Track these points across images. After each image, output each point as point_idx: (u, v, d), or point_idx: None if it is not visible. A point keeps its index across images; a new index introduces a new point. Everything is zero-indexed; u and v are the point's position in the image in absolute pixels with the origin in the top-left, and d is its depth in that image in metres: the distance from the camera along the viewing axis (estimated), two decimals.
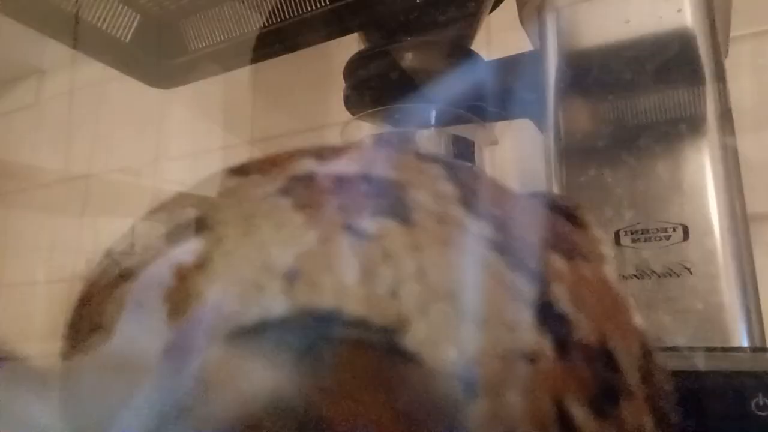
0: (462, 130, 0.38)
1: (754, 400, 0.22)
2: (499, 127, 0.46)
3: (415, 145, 0.38)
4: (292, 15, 0.30)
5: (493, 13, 0.39)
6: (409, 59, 0.35)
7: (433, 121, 0.38)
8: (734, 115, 0.30)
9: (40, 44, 0.82)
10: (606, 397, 0.11)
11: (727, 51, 0.38)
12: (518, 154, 0.51)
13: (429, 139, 0.38)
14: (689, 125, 0.29)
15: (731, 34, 0.38)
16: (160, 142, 0.76)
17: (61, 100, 0.88)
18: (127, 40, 0.32)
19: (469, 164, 0.38)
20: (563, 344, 0.10)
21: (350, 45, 0.38)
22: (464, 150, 0.38)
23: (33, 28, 0.34)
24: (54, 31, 0.34)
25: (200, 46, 0.32)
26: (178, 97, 0.73)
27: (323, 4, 0.29)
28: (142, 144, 0.77)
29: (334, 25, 0.30)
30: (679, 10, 0.30)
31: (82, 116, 0.85)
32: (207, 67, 0.33)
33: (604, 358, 0.11)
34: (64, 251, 0.80)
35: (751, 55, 0.45)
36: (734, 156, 0.29)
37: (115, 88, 0.81)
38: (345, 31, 0.32)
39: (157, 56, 0.34)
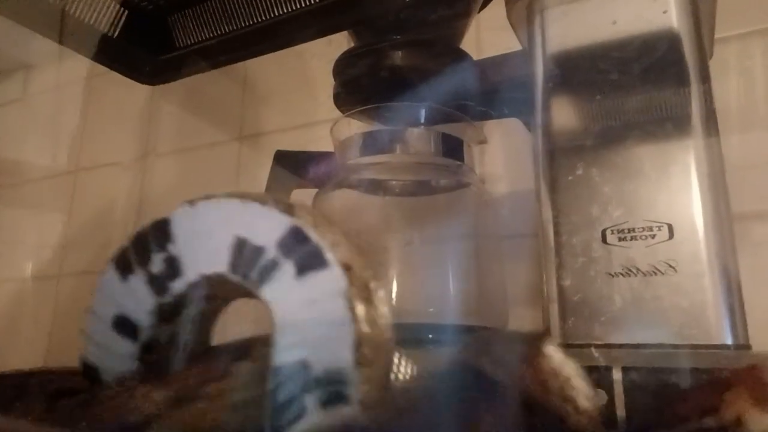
0: (451, 129, 0.38)
1: None
2: (488, 125, 0.46)
3: (403, 143, 0.38)
4: (281, 12, 0.29)
5: (482, 13, 0.40)
6: (398, 58, 0.35)
7: (422, 119, 0.38)
8: (719, 115, 0.30)
9: (28, 39, 0.81)
10: None
11: (712, 52, 0.38)
12: (507, 153, 0.51)
13: (418, 137, 0.38)
14: (675, 125, 0.29)
15: (716, 36, 0.39)
16: (148, 139, 0.75)
17: (49, 95, 0.87)
18: (114, 36, 0.32)
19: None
20: None
21: (341, 43, 0.38)
22: (454, 148, 0.38)
23: (19, 23, 0.34)
24: (40, 26, 0.33)
25: (189, 42, 0.32)
26: (167, 93, 0.73)
27: (313, 2, 0.29)
28: (130, 140, 0.77)
29: (324, 23, 0.30)
30: (665, 12, 0.30)
31: (70, 111, 0.84)
32: (196, 64, 0.33)
33: None
34: (51, 247, 0.79)
35: (736, 57, 0.45)
36: (719, 156, 0.29)
37: (103, 84, 0.80)
38: (335, 29, 0.32)
39: (145, 52, 0.34)
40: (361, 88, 0.37)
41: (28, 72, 0.90)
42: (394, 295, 0.34)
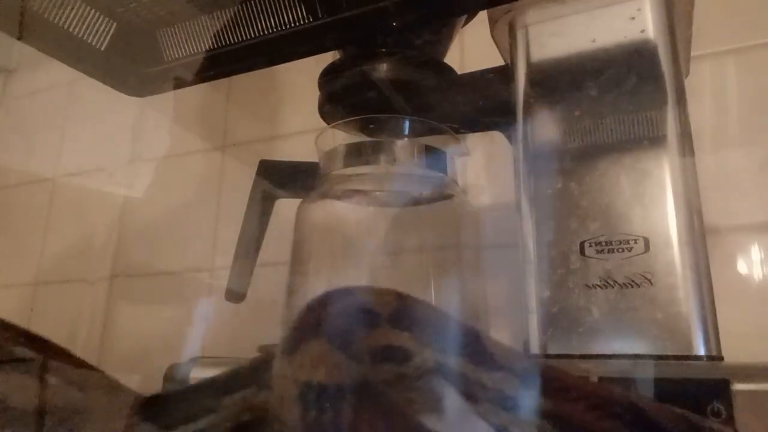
0: (435, 141, 0.39)
1: (710, 407, 0.23)
2: (471, 138, 0.47)
3: (387, 154, 0.38)
4: (270, 30, 0.30)
5: (466, 29, 0.40)
6: (383, 71, 0.36)
7: (406, 131, 0.39)
8: (693, 132, 0.31)
9: (7, 43, 0.80)
10: None
11: (688, 70, 0.39)
12: (489, 165, 0.52)
13: (402, 149, 0.39)
14: (651, 142, 0.30)
15: (692, 54, 0.40)
16: (129, 146, 0.74)
17: (28, 101, 0.86)
18: (102, 48, 0.32)
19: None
20: None
21: (327, 59, 0.38)
22: (437, 160, 0.39)
23: (1, 30, 0.33)
24: (24, 34, 0.33)
25: (177, 56, 0.32)
26: (150, 101, 0.72)
27: (302, 22, 0.29)
28: (111, 147, 0.76)
29: (312, 43, 0.30)
30: (643, 31, 0.31)
31: (50, 117, 0.83)
32: (183, 77, 0.33)
33: None
34: (28, 255, 0.78)
35: (710, 75, 0.47)
36: (693, 171, 0.30)
37: (84, 89, 0.79)
38: (322, 49, 0.32)
39: (133, 65, 0.34)
40: (345, 100, 0.38)
41: (7, 77, 0.89)
42: None
